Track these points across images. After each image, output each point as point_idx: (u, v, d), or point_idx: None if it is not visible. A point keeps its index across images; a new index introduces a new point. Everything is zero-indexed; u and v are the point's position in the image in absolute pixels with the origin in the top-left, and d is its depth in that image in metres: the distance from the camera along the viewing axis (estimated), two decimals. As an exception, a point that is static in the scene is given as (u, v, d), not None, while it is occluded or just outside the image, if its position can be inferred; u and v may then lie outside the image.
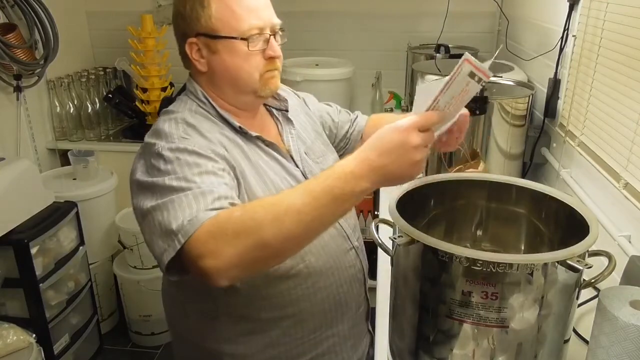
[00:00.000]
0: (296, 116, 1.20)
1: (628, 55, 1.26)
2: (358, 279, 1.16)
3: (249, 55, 1.00)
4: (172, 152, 0.91)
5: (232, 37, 0.98)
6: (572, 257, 0.77)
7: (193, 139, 0.95)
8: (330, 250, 1.09)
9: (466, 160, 1.58)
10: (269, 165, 1.05)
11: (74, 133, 2.55)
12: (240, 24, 0.98)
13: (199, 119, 1.01)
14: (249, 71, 1.02)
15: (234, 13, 0.98)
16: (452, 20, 2.45)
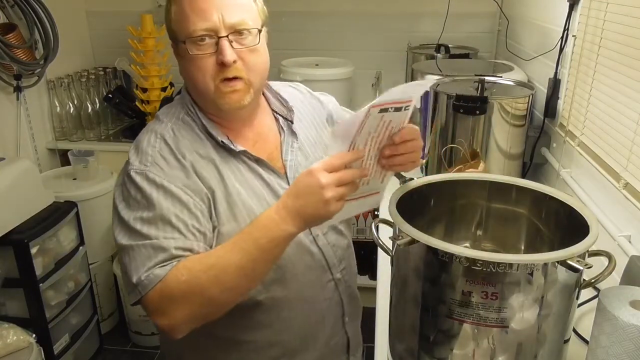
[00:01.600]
0: (305, 126, 1.12)
1: (628, 55, 1.26)
2: (334, 313, 1.11)
3: (196, 60, 0.94)
4: (141, 179, 0.92)
5: (183, 42, 0.94)
6: (572, 257, 0.77)
7: (164, 167, 0.93)
8: (302, 281, 1.04)
9: (466, 160, 1.58)
10: (248, 185, 0.99)
11: (74, 133, 2.55)
12: (189, 27, 0.93)
13: (182, 133, 0.98)
14: (202, 79, 0.95)
15: (184, 15, 0.94)
16: (452, 20, 2.45)
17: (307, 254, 1.04)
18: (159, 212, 0.90)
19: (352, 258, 1.19)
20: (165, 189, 0.91)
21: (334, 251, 1.09)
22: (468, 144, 1.59)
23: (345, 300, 1.13)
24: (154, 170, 0.93)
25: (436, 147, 1.69)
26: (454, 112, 1.58)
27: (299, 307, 1.05)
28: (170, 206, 0.91)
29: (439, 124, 1.65)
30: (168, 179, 0.92)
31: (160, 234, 0.89)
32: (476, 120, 1.56)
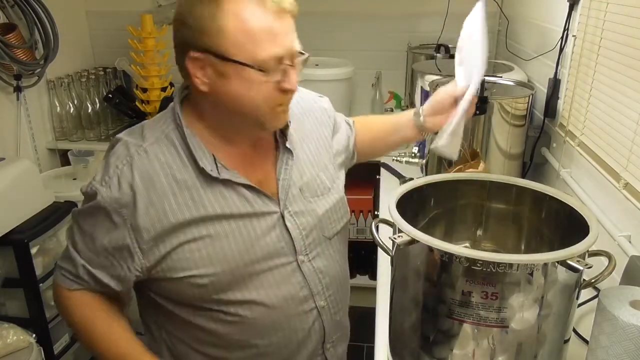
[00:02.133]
0: (305, 140, 1.07)
1: (628, 55, 1.26)
2: (314, 340, 1.06)
3: (261, 85, 0.86)
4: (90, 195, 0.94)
5: (247, 65, 0.84)
6: (572, 257, 0.77)
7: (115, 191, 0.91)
8: (280, 310, 1.00)
9: (466, 160, 1.58)
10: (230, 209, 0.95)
11: (74, 133, 2.55)
12: (257, 51, 0.83)
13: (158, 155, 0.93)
14: (257, 103, 0.89)
15: (252, 37, 0.83)
16: (452, 20, 2.45)
17: (286, 283, 1.00)
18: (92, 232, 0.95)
19: (344, 281, 1.13)
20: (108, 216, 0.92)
21: (319, 278, 1.04)
22: (468, 144, 1.59)
23: (327, 329, 1.08)
24: (104, 191, 0.91)
25: (436, 147, 1.69)
26: (454, 112, 1.58)
27: (276, 334, 1.02)
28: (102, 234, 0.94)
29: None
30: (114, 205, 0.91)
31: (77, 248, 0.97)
32: (476, 120, 1.56)
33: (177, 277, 0.94)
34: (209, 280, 0.94)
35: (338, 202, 1.09)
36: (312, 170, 1.06)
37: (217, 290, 0.96)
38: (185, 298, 0.98)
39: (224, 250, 0.94)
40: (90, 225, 0.94)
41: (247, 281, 0.97)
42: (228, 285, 0.96)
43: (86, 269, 0.97)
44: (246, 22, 0.82)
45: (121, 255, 0.94)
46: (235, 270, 0.95)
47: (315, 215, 1.03)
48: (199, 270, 0.94)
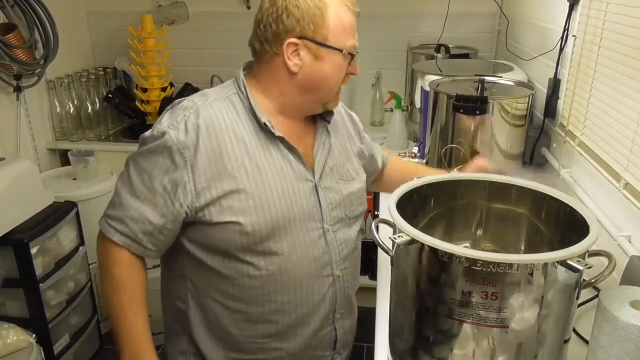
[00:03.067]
0: (337, 132, 1.21)
1: (628, 55, 1.26)
2: (326, 307, 1.15)
3: (342, 68, 1.07)
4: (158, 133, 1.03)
5: (339, 50, 1.04)
6: (572, 257, 0.77)
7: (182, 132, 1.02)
8: (303, 269, 1.09)
9: (466, 160, 1.58)
10: (275, 167, 1.07)
11: (74, 133, 2.55)
12: (347, 39, 1.05)
13: (221, 110, 1.06)
14: (335, 83, 1.08)
15: (344, 28, 1.04)
16: (452, 20, 2.45)
17: (313, 245, 1.10)
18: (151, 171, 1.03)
19: (356, 261, 1.23)
20: (172, 157, 1.01)
21: (339, 249, 1.14)
22: (468, 144, 1.59)
23: (339, 298, 1.16)
24: (172, 132, 1.02)
25: (436, 147, 1.69)
26: (454, 112, 1.58)
27: (295, 292, 1.10)
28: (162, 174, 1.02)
29: (439, 124, 1.65)
30: (180, 145, 1.01)
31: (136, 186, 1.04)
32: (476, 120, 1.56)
33: (222, 221, 1.03)
34: (251, 229, 1.03)
35: (359, 190, 1.21)
36: (340, 157, 1.19)
37: (256, 241, 1.05)
38: (221, 245, 1.05)
39: (270, 204, 1.05)
40: (151, 163, 1.03)
41: (283, 236, 1.07)
42: (266, 237, 1.05)
43: (137, 210, 1.04)
44: (342, 18, 1.04)
45: (175, 194, 1.02)
46: (276, 223, 1.05)
47: (340, 194, 1.15)
48: (244, 218, 1.03)
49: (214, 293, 1.11)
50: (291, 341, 1.14)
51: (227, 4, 2.71)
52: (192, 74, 2.77)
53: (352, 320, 1.26)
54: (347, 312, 1.22)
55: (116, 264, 1.08)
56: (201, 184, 1.02)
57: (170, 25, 2.70)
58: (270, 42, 1.04)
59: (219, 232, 1.04)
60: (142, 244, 1.06)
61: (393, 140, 2.39)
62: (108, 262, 1.09)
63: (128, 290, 1.08)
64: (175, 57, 2.66)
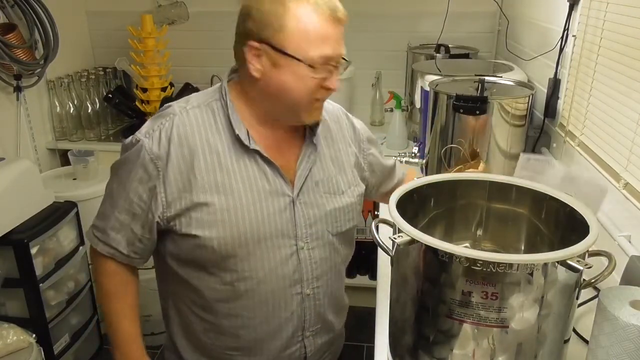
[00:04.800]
0: (331, 141, 1.15)
1: (628, 56, 1.26)
2: (293, 325, 1.12)
3: (306, 79, 0.97)
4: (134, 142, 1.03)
5: (299, 60, 0.95)
6: (572, 257, 0.77)
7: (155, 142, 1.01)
8: (269, 286, 1.07)
9: (466, 160, 1.58)
10: (247, 181, 1.03)
11: (74, 133, 2.55)
12: (310, 50, 0.95)
13: (198, 118, 1.03)
14: (301, 95, 0.99)
15: (307, 37, 0.95)
16: (452, 20, 2.45)
17: (283, 263, 1.07)
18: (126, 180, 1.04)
19: (335, 280, 1.17)
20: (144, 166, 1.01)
21: (313, 267, 1.10)
22: (468, 144, 1.59)
23: (308, 317, 1.13)
24: (147, 141, 1.01)
25: (436, 147, 1.69)
26: (454, 112, 1.58)
27: (260, 309, 1.08)
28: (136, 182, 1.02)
29: (439, 124, 1.65)
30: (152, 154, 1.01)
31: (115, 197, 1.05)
32: (476, 120, 1.56)
33: (189, 234, 1.01)
34: (216, 244, 1.01)
35: (349, 205, 1.15)
36: (331, 169, 1.13)
37: (222, 256, 1.02)
38: (189, 256, 1.05)
39: (238, 219, 1.02)
40: (126, 172, 1.03)
41: (251, 253, 1.04)
42: (232, 253, 1.03)
43: (117, 220, 1.05)
44: (304, 25, 0.94)
45: (150, 203, 1.02)
46: (243, 240, 1.02)
47: (323, 210, 1.10)
48: (210, 232, 1.01)
49: (187, 300, 1.11)
50: (257, 355, 1.13)
51: (227, 4, 2.71)
52: (192, 74, 2.77)
53: (328, 338, 1.20)
54: (321, 330, 1.17)
55: (104, 273, 1.11)
56: (172, 194, 1.00)
57: (170, 25, 2.70)
58: (239, 44, 1.00)
59: (187, 244, 1.03)
60: (124, 253, 1.08)
61: (393, 140, 2.39)
62: (97, 272, 1.12)
63: (116, 297, 1.12)
64: (175, 57, 2.66)
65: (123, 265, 1.11)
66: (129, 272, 1.13)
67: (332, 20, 0.97)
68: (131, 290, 1.14)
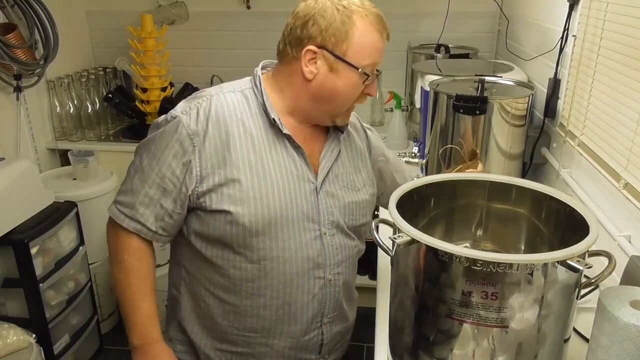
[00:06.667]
0: (351, 143, 1.22)
1: (628, 55, 1.26)
2: (313, 310, 1.15)
3: (357, 86, 1.07)
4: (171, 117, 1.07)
5: (355, 67, 1.05)
6: (572, 257, 0.77)
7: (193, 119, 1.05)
8: (293, 268, 1.10)
9: (464, 161, 1.59)
10: (278, 164, 1.08)
11: (74, 133, 2.55)
12: (365, 59, 1.05)
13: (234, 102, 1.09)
14: (347, 99, 1.09)
15: (365, 47, 1.04)
16: (452, 20, 2.45)
17: (308, 245, 1.11)
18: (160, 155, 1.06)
19: (351, 270, 1.21)
20: (180, 142, 1.05)
21: (334, 253, 1.14)
22: (468, 144, 1.59)
23: (328, 302, 1.16)
24: (185, 118, 1.05)
25: (436, 147, 1.69)
26: (454, 112, 1.58)
27: (284, 289, 1.11)
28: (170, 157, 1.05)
29: (439, 124, 1.65)
30: (190, 131, 1.05)
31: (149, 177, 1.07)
32: (476, 120, 1.56)
33: (220, 209, 1.05)
34: (247, 220, 1.05)
35: (364, 202, 1.20)
36: (348, 167, 1.19)
37: (251, 233, 1.06)
38: (216, 234, 1.07)
39: (269, 198, 1.06)
40: (161, 148, 1.06)
41: (278, 232, 1.08)
42: (261, 230, 1.06)
43: (146, 195, 1.07)
44: (365, 37, 1.04)
45: (184, 178, 1.05)
46: (273, 219, 1.07)
47: (342, 201, 1.15)
48: (241, 208, 1.04)
49: (206, 282, 1.13)
50: (277, 338, 1.15)
51: (227, 4, 2.71)
52: (192, 74, 2.77)
53: (342, 328, 1.24)
54: (337, 318, 1.21)
55: (126, 249, 1.11)
56: (206, 169, 1.05)
57: (170, 25, 2.70)
58: (293, 46, 1.06)
59: (216, 221, 1.06)
60: (152, 229, 1.09)
61: (393, 140, 2.39)
62: (118, 248, 1.12)
63: (137, 274, 1.12)
64: (175, 57, 2.66)
65: (146, 242, 1.12)
66: (150, 251, 1.14)
67: (382, 35, 1.07)
68: (151, 269, 1.14)
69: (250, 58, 2.90)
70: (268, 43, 2.74)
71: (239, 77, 1.16)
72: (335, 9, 1.02)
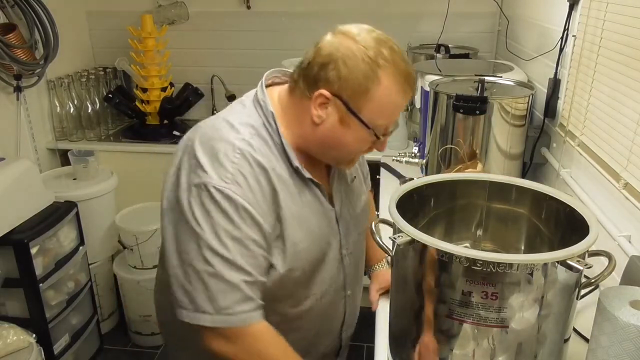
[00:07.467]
0: None
1: (628, 55, 1.26)
2: (338, 323, 1.19)
3: (365, 142, 0.99)
4: (221, 197, 0.91)
5: (368, 127, 0.96)
6: (572, 257, 0.77)
7: (243, 186, 0.92)
8: (327, 300, 1.11)
9: (464, 161, 1.59)
10: (311, 208, 1.03)
11: (74, 133, 2.55)
12: (381, 119, 0.96)
13: (260, 148, 0.97)
14: (353, 152, 1.02)
15: (383, 108, 0.95)
16: (452, 20, 2.45)
17: (334, 274, 1.11)
18: (238, 234, 0.91)
19: (362, 276, 1.25)
20: (246, 211, 0.92)
21: (353, 270, 1.16)
22: (467, 144, 1.59)
23: (347, 314, 1.19)
24: (234, 188, 0.92)
25: (436, 147, 1.69)
26: (453, 112, 1.58)
27: (319, 320, 1.13)
28: (249, 230, 0.92)
29: (439, 124, 1.65)
30: (247, 200, 0.92)
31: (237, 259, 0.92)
32: (476, 120, 1.56)
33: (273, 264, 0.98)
34: (299, 274, 1.02)
35: (366, 204, 1.22)
36: (348, 176, 1.16)
37: (295, 284, 1.03)
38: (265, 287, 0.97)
39: (315, 246, 1.03)
40: (236, 227, 0.92)
41: (317, 274, 1.06)
42: (304, 279, 1.04)
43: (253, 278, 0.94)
44: (386, 96, 0.94)
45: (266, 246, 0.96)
46: (315, 264, 1.05)
47: (354, 214, 1.15)
48: (290, 262, 0.99)
49: None
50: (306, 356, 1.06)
51: (227, 4, 2.71)
52: (192, 74, 2.77)
53: (353, 330, 1.28)
54: (352, 325, 1.25)
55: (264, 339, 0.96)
56: (268, 231, 0.96)
57: (170, 25, 2.70)
58: (306, 83, 0.96)
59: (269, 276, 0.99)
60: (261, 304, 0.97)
61: (393, 140, 2.38)
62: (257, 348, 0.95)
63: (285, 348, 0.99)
64: (175, 57, 2.66)
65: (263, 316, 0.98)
66: None
67: (407, 95, 0.97)
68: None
69: (250, 58, 2.91)
70: (268, 43, 2.77)
71: (239, 77, 1.12)
72: (361, 59, 0.91)
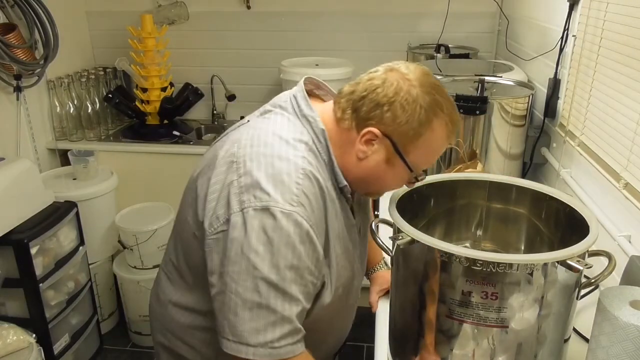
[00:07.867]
0: None
1: (628, 55, 1.26)
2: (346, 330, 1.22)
3: (403, 180, 0.98)
4: (287, 221, 0.85)
5: (410, 167, 0.94)
6: (572, 257, 0.77)
7: (307, 206, 0.88)
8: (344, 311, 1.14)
9: (464, 161, 1.59)
10: (344, 223, 1.00)
11: (74, 133, 2.55)
12: (423, 162, 0.96)
13: (315, 165, 0.93)
14: (388, 187, 1.02)
15: (429, 153, 0.95)
16: (452, 20, 2.45)
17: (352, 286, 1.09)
18: (297, 263, 0.86)
19: None
20: (308, 235, 0.87)
21: (359, 280, 1.16)
22: (467, 144, 1.59)
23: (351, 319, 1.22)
24: (300, 211, 0.86)
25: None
26: (454, 112, 1.58)
27: (335, 329, 1.14)
28: (307, 260, 0.87)
29: (439, 124, 1.65)
30: (311, 223, 0.88)
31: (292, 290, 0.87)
32: (476, 120, 1.56)
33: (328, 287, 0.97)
34: (342, 291, 1.02)
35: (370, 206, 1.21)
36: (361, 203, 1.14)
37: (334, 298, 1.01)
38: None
39: (351, 263, 1.04)
40: (297, 256, 0.86)
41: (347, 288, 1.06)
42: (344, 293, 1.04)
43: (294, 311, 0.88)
44: (436, 143, 0.94)
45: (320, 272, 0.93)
46: (350, 280, 1.05)
47: (366, 223, 1.14)
48: (337, 281, 0.99)
49: None
50: None
51: (227, 4, 2.71)
52: (192, 74, 2.77)
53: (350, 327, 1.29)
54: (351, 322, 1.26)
55: None
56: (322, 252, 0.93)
57: (170, 25, 2.70)
58: (357, 116, 0.92)
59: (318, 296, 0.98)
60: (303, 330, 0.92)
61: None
62: None
63: None
64: (175, 57, 2.66)
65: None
66: None
67: (450, 139, 0.97)
68: None
69: (250, 58, 2.91)
70: (268, 43, 2.77)
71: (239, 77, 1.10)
72: (419, 106, 0.89)
